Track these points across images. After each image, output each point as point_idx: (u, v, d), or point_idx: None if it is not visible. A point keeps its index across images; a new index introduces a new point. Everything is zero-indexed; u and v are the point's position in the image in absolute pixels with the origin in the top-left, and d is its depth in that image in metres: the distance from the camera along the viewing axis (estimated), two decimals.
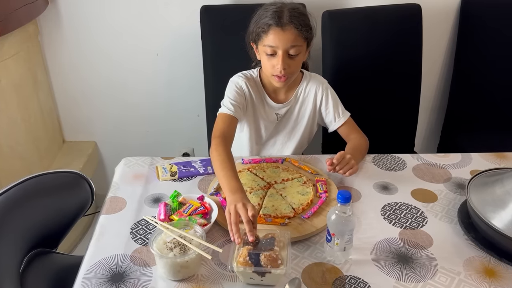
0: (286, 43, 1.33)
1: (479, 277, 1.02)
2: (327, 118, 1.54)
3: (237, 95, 1.45)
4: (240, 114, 1.45)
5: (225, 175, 1.19)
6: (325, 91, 1.52)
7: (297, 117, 1.54)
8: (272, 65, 1.37)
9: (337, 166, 1.30)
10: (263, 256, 0.97)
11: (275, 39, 1.34)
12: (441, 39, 2.12)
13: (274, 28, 1.33)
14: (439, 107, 2.28)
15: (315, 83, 1.52)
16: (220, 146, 1.29)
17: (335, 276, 1.02)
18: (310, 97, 1.52)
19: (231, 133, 1.39)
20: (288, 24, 1.32)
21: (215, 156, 1.26)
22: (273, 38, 1.34)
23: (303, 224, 1.15)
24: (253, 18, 1.41)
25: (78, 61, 2.12)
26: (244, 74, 1.51)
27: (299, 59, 1.39)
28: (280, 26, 1.32)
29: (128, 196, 1.27)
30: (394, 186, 1.32)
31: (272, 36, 1.34)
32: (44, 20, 2.02)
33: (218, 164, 1.24)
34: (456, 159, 1.47)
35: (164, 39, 2.07)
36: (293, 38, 1.33)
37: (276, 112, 1.52)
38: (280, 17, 1.33)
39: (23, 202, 1.15)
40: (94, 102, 2.23)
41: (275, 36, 1.33)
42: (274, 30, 1.33)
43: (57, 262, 1.26)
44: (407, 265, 1.05)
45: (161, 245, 1.01)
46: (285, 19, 1.32)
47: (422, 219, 1.20)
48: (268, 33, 1.34)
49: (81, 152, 2.26)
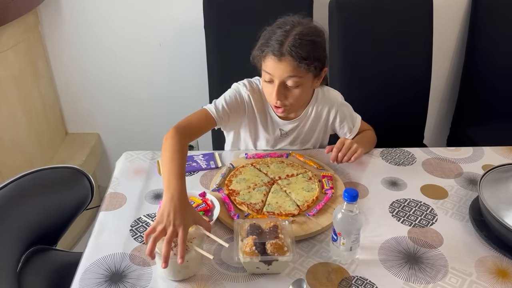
0: (282, 74, 1.21)
1: (491, 278, 0.98)
2: (340, 131, 1.44)
3: (234, 103, 1.33)
4: (224, 122, 1.33)
5: (170, 168, 1.06)
6: (340, 109, 1.40)
7: (306, 134, 1.43)
8: (269, 92, 1.26)
9: (339, 154, 1.24)
10: (269, 244, 0.97)
11: (271, 68, 1.21)
12: (452, 29, 2.06)
13: (270, 56, 1.20)
14: (449, 99, 2.23)
15: (328, 102, 1.39)
16: (178, 136, 1.15)
17: (341, 277, 0.98)
18: (322, 115, 1.41)
19: (198, 132, 1.27)
20: (286, 55, 1.18)
21: (169, 145, 1.13)
22: (269, 66, 1.22)
23: (308, 222, 1.11)
24: (262, 34, 1.26)
25: (79, 51, 2.08)
26: (250, 84, 1.37)
27: (300, 92, 1.25)
28: (277, 56, 1.19)
29: (128, 192, 1.24)
30: (403, 182, 1.28)
31: (269, 64, 1.22)
32: (44, 10, 1.98)
33: (168, 155, 1.10)
34: (467, 153, 1.42)
35: (166, 29, 2.03)
36: (290, 69, 1.19)
37: (280, 127, 1.41)
38: (281, 45, 1.18)
39: (21, 198, 1.12)
40: (97, 93, 2.20)
41: (271, 64, 1.21)
42: (271, 58, 1.20)
43: (56, 260, 1.23)
44: (416, 266, 1.01)
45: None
46: (285, 48, 1.18)
47: (432, 216, 1.16)
48: (265, 59, 1.23)
49: (84, 144, 2.23)
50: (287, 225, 1.03)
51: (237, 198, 1.18)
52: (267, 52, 1.21)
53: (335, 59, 1.90)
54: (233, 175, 1.27)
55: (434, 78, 1.98)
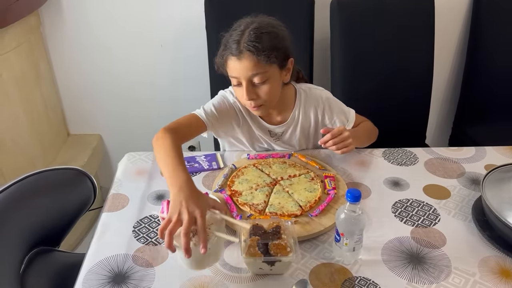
0: (246, 72, 1.19)
1: (495, 278, 0.98)
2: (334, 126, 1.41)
3: (223, 107, 1.33)
4: (214, 126, 1.32)
5: (171, 163, 1.03)
6: (326, 105, 1.38)
7: (300, 138, 1.42)
8: (241, 95, 1.25)
9: (331, 141, 1.23)
10: (272, 245, 0.97)
11: (234, 69, 1.20)
12: (453, 29, 2.06)
13: (230, 58, 1.19)
14: (451, 99, 2.23)
15: (313, 101, 1.37)
16: (169, 135, 1.13)
17: (344, 277, 0.98)
18: (311, 116, 1.39)
19: (187, 134, 1.24)
20: (244, 51, 1.17)
21: (161, 143, 1.10)
22: (232, 68, 1.20)
23: (310, 223, 1.11)
24: (222, 41, 1.24)
25: (81, 53, 2.09)
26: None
27: (269, 87, 1.23)
28: (236, 55, 1.18)
29: (131, 193, 1.24)
30: (406, 182, 1.28)
31: (231, 66, 1.20)
32: (46, 11, 1.99)
33: (162, 152, 1.08)
34: (469, 153, 1.41)
35: (168, 30, 2.03)
36: (252, 65, 1.18)
37: (269, 130, 1.40)
38: (238, 44, 1.17)
39: (23, 200, 1.12)
40: (98, 94, 2.20)
41: (233, 66, 1.20)
42: (231, 60, 1.20)
43: (59, 261, 1.23)
44: (419, 266, 1.01)
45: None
46: (242, 46, 1.17)
47: (435, 216, 1.15)
48: (227, 63, 1.22)
49: (86, 145, 2.24)
50: (289, 225, 1.03)
51: (239, 199, 1.18)
52: (227, 55, 1.20)
53: (336, 59, 1.90)
54: (235, 176, 1.27)
55: (435, 78, 1.98)
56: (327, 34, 1.89)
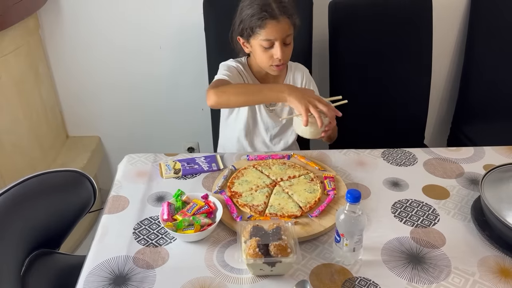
0: (282, 34, 1.36)
1: (494, 277, 0.99)
2: None
3: (232, 71, 1.47)
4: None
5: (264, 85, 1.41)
6: (307, 78, 1.57)
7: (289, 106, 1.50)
8: (270, 56, 1.40)
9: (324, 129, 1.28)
10: (273, 246, 0.97)
11: (272, 32, 1.35)
12: (451, 29, 2.06)
13: (269, 22, 1.34)
14: (449, 98, 2.23)
15: (300, 71, 1.57)
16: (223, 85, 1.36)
17: (344, 278, 0.99)
18: (297, 84, 1.55)
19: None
20: (281, 15, 1.35)
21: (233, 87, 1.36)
22: (270, 31, 1.35)
23: (310, 224, 1.11)
24: (238, 14, 1.42)
25: (80, 55, 2.08)
26: (236, 60, 1.54)
27: (291, 45, 1.43)
28: (275, 19, 1.34)
29: (131, 195, 1.24)
30: (405, 182, 1.28)
31: (269, 29, 1.35)
32: (45, 14, 1.99)
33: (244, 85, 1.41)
34: (468, 153, 1.42)
35: (167, 32, 2.03)
36: (288, 27, 1.37)
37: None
38: (271, 9, 1.34)
39: (23, 202, 1.12)
40: (97, 96, 2.20)
41: (272, 29, 1.35)
42: (270, 24, 1.34)
43: (60, 263, 1.23)
44: (419, 266, 1.01)
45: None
46: (276, 11, 1.34)
47: (434, 216, 1.16)
48: (264, 27, 1.35)
49: (85, 147, 2.23)
50: (290, 226, 1.04)
51: (239, 200, 1.19)
52: (264, 19, 1.34)
53: (335, 60, 1.90)
54: (235, 177, 1.28)
55: (434, 78, 1.98)
56: (325, 34, 1.89)
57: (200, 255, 1.05)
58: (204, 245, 1.08)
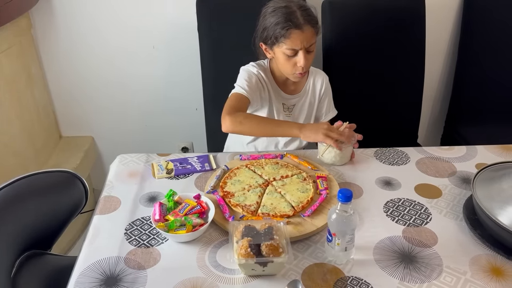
0: (306, 43, 1.37)
1: (486, 276, 0.99)
2: (320, 111, 1.60)
3: (252, 79, 1.47)
4: (253, 96, 1.45)
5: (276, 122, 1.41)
6: (327, 85, 1.58)
7: (308, 108, 1.58)
8: (293, 64, 1.41)
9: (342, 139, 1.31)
10: (264, 246, 0.97)
11: (296, 42, 1.36)
12: (444, 28, 2.07)
13: (294, 31, 1.35)
14: (443, 97, 2.24)
15: (320, 77, 1.57)
16: (240, 114, 1.36)
17: (336, 277, 0.99)
18: (317, 90, 1.57)
19: (242, 110, 1.41)
20: (305, 25, 1.35)
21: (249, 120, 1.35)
22: (294, 41, 1.36)
23: (303, 223, 1.11)
24: (261, 19, 1.42)
25: (73, 54, 2.07)
26: (258, 64, 1.53)
27: (314, 53, 1.44)
28: (299, 29, 1.35)
29: (122, 196, 1.24)
30: (397, 181, 1.28)
31: (294, 39, 1.36)
32: (37, 13, 1.97)
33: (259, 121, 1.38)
34: (460, 152, 1.42)
35: (160, 32, 2.02)
36: (311, 36, 1.38)
37: (283, 102, 1.55)
38: (296, 19, 1.35)
39: (14, 203, 1.11)
40: (91, 96, 2.19)
41: (297, 38, 1.36)
42: (295, 33, 1.35)
43: (51, 264, 1.22)
44: (411, 265, 1.02)
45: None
46: (301, 20, 1.35)
47: (426, 215, 1.16)
48: (289, 37, 1.36)
49: (78, 147, 2.22)
50: (282, 226, 1.03)
51: (232, 200, 1.18)
52: (289, 29, 1.35)
53: (329, 59, 1.90)
54: (228, 177, 1.27)
55: (427, 77, 1.99)
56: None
57: (192, 255, 1.05)
58: (196, 245, 1.07)
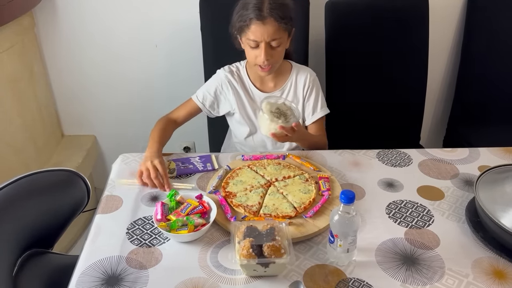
0: (267, 36, 1.34)
1: (488, 279, 0.99)
2: (306, 110, 1.54)
3: (210, 88, 1.52)
4: (208, 103, 1.52)
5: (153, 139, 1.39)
6: (312, 82, 1.52)
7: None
8: (255, 56, 1.39)
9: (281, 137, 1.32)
10: (266, 246, 0.97)
11: (256, 33, 1.34)
12: (448, 29, 2.06)
13: (255, 22, 1.33)
14: (446, 99, 2.23)
15: (304, 74, 1.52)
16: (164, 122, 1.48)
17: (338, 279, 0.98)
18: (300, 89, 1.52)
19: (183, 119, 1.53)
20: (268, 17, 1.32)
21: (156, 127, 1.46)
22: (254, 32, 1.34)
23: (304, 224, 1.11)
24: (235, 8, 1.40)
25: (75, 53, 2.07)
26: (229, 67, 1.54)
27: (281, 49, 1.40)
28: (260, 20, 1.32)
29: (124, 195, 1.24)
30: (400, 183, 1.28)
31: (254, 29, 1.34)
32: (40, 12, 1.97)
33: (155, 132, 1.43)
34: (463, 154, 1.42)
35: (163, 30, 2.02)
36: (274, 30, 1.33)
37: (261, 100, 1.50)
38: (260, 10, 1.32)
39: (16, 202, 1.11)
40: (93, 95, 2.19)
41: (256, 29, 1.33)
42: (255, 24, 1.33)
43: (53, 263, 1.22)
44: (413, 267, 1.01)
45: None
46: (265, 12, 1.31)
47: (429, 217, 1.16)
48: (249, 27, 1.34)
49: (80, 146, 2.22)
50: (284, 227, 1.03)
51: (234, 200, 1.18)
52: (251, 19, 1.33)
53: (331, 60, 1.90)
54: (230, 177, 1.27)
55: (430, 78, 1.98)
56: (322, 34, 1.89)
57: (194, 255, 1.04)
58: (197, 245, 1.07)
